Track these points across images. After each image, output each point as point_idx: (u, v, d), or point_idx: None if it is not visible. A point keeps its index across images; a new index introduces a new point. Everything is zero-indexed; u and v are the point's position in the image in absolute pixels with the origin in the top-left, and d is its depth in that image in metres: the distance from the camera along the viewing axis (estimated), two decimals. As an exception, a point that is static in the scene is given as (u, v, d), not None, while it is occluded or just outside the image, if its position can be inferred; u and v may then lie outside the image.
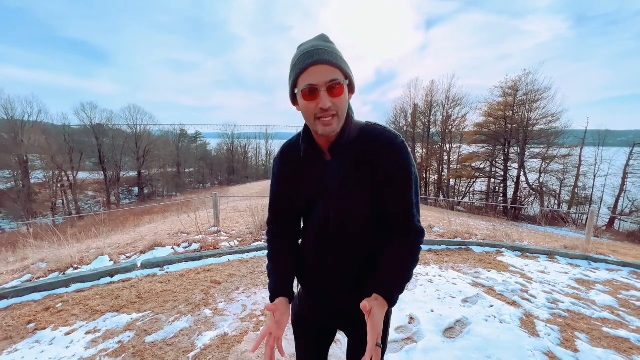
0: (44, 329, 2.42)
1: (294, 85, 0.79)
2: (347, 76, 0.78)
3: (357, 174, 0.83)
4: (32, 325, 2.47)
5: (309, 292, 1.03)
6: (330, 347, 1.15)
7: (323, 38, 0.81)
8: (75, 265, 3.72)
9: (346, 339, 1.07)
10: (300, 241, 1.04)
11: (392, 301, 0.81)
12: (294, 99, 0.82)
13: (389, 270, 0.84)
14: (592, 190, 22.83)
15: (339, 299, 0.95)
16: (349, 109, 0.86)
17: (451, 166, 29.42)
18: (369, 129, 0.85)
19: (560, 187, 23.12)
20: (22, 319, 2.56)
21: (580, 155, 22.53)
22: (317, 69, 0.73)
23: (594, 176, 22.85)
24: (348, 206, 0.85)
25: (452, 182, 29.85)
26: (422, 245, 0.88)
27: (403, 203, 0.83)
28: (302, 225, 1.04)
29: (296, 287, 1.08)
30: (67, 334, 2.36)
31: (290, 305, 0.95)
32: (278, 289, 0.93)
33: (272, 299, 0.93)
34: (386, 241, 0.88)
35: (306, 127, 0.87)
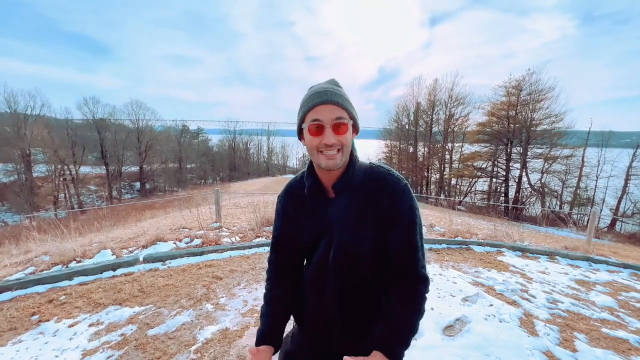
0: (48, 320, 2.45)
1: (301, 121, 0.83)
2: (352, 117, 0.82)
3: (359, 213, 0.84)
4: (35, 317, 2.50)
5: (305, 331, 1.01)
6: None
7: (333, 82, 0.86)
8: (78, 259, 3.75)
9: None
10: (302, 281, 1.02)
11: (395, 357, 0.78)
12: (300, 133, 0.87)
13: (392, 324, 0.81)
14: (594, 191, 22.76)
15: (336, 340, 0.93)
16: (353, 148, 0.89)
17: (453, 165, 29.36)
18: (373, 171, 0.87)
19: (562, 188, 23.06)
20: (26, 310, 2.59)
21: (583, 156, 22.43)
22: (324, 108, 0.78)
23: (597, 177, 22.75)
24: (349, 243, 0.84)
25: (453, 181, 29.81)
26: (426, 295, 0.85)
27: (407, 246, 0.82)
28: (304, 264, 1.02)
29: (289, 326, 1.05)
30: (71, 326, 2.39)
31: (277, 352, 0.93)
32: (266, 335, 0.90)
33: (257, 344, 0.89)
34: (389, 287, 0.87)
35: (310, 164, 0.90)
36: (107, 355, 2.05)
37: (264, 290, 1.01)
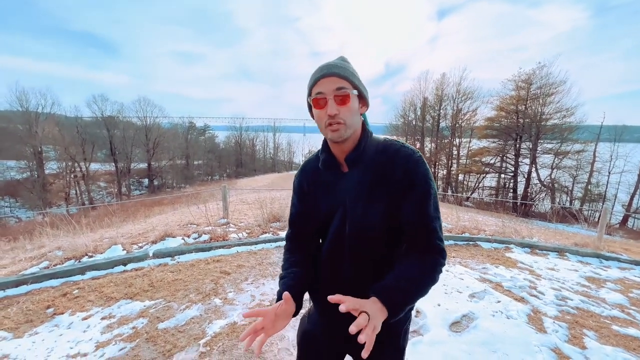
0: (62, 313, 2.52)
1: (309, 96, 0.85)
2: (356, 87, 0.82)
3: (373, 185, 0.84)
4: (50, 310, 2.58)
5: (321, 310, 1.00)
6: None
7: (340, 58, 0.88)
8: (90, 254, 3.84)
9: None
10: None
11: (392, 309, 0.71)
12: (310, 110, 0.88)
13: (400, 275, 0.77)
14: (606, 187, 22.25)
15: (353, 318, 0.92)
16: (365, 122, 0.91)
17: (460, 161, 29.02)
18: (386, 144, 0.88)
19: (573, 184, 22.60)
20: (41, 303, 2.67)
21: (594, 151, 21.92)
22: (326, 80, 0.80)
23: (609, 173, 22.25)
24: (363, 216, 0.84)
25: (460, 177, 29.49)
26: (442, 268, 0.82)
27: (422, 217, 0.81)
28: (321, 240, 1.02)
29: (305, 308, 1.04)
30: (84, 319, 2.45)
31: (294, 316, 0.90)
32: (291, 291, 0.86)
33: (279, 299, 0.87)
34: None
35: (325, 140, 0.92)
36: (119, 347, 2.11)
37: (272, 284, 1.01)
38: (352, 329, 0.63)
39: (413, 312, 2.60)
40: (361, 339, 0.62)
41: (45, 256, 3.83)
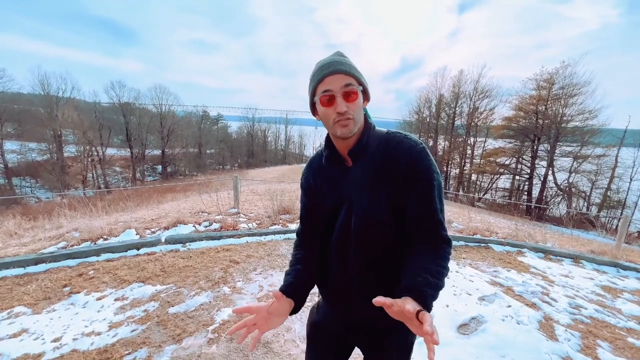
0: (78, 292, 2.61)
1: (312, 95, 0.86)
2: (361, 83, 0.83)
3: (376, 178, 0.84)
4: (67, 288, 2.68)
5: (329, 302, 1.01)
6: None
7: (338, 53, 0.88)
8: (105, 237, 3.95)
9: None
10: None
11: (425, 304, 0.68)
12: (313, 108, 0.89)
13: (418, 272, 0.75)
14: (627, 193, 21.40)
15: (359, 311, 0.93)
16: (367, 115, 0.92)
17: (474, 161, 28.44)
18: (389, 136, 0.88)
19: (591, 189, 21.83)
20: (58, 282, 2.77)
21: (617, 156, 21.05)
22: (333, 78, 0.80)
23: (630, 179, 21.35)
24: (367, 209, 0.84)
25: (473, 177, 28.94)
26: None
27: (427, 210, 0.81)
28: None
29: (314, 299, 1.06)
30: (98, 299, 2.54)
31: (296, 312, 0.91)
32: (289, 290, 0.88)
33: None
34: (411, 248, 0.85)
35: (328, 136, 0.93)
36: (131, 328, 2.17)
37: (280, 276, 1.02)
38: (377, 299, 0.66)
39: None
40: (377, 299, 0.66)
41: (63, 236, 3.97)
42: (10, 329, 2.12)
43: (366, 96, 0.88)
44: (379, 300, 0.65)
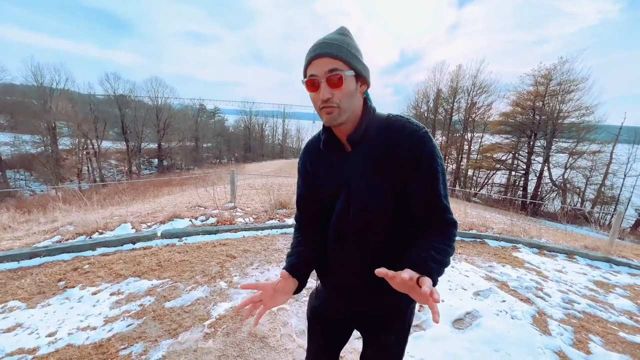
0: (73, 287, 2.60)
1: (304, 76, 0.82)
2: (352, 67, 0.77)
3: (376, 164, 0.81)
4: (62, 283, 2.66)
5: (328, 287, 1.02)
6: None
7: (338, 31, 0.81)
8: (100, 231, 3.92)
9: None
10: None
11: (430, 276, 0.67)
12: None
13: (424, 248, 0.75)
14: (621, 190, 21.65)
15: (359, 295, 0.93)
16: (368, 99, 0.87)
17: (471, 156, 28.53)
18: (391, 121, 0.84)
19: (586, 185, 22.05)
20: (53, 276, 2.75)
21: (612, 152, 21.23)
22: (319, 61, 0.75)
23: (624, 175, 21.58)
24: (367, 195, 0.83)
25: (470, 172, 29.06)
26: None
27: (431, 194, 0.79)
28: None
29: (312, 283, 1.08)
30: (94, 293, 2.52)
31: (299, 292, 0.92)
32: (293, 270, 0.89)
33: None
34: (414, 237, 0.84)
35: None
36: (127, 323, 2.16)
37: (277, 270, 1.02)
38: (380, 270, 0.64)
39: (416, 307, 2.61)
40: (379, 270, 0.64)
41: (57, 230, 3.93)
42: (4, 323, 2.10)
43: (363, 80, 0.82)
44: (381, 271, 0.64)
